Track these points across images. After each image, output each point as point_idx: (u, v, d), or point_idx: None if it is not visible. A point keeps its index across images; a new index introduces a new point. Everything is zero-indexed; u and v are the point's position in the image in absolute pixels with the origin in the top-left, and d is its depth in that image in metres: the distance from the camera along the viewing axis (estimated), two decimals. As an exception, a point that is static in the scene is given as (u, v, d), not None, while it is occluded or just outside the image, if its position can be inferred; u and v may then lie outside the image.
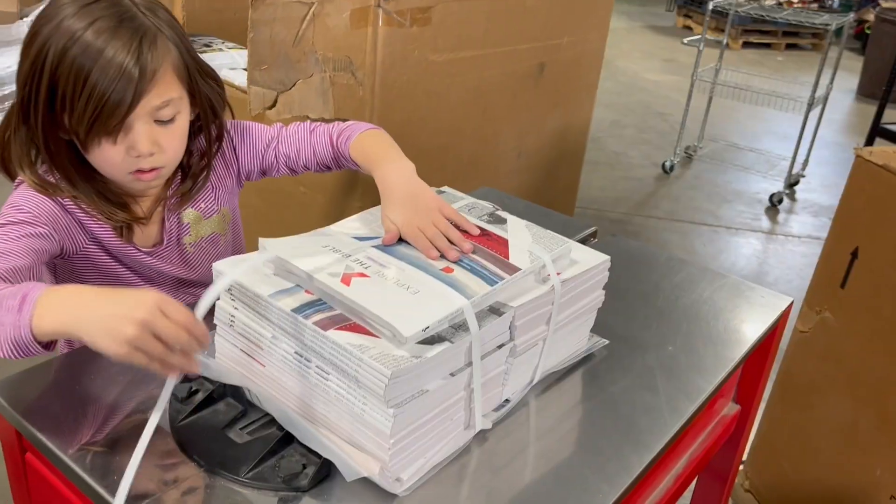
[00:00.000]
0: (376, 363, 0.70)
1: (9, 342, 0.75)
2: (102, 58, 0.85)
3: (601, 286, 0.98)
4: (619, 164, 4.01)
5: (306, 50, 1.79)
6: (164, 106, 0.91)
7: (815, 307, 1.55)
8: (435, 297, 0.79)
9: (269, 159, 1.16)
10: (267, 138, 1.16)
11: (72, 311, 0.74)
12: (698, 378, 0.99)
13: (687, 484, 1.12)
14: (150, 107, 0.90)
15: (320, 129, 1.16)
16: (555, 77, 2.34)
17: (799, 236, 3.37)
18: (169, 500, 0.73)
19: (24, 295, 0.75)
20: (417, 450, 0.77)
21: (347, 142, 1.13)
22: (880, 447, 1.42)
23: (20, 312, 0.74)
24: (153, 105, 0.90)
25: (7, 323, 0.75)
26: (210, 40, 2.40)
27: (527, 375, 0.92)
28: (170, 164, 0.98)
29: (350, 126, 1.16)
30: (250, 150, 1.15)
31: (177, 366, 0.73)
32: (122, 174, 0.95)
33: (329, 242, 0.88)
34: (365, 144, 1.12)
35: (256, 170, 1.16)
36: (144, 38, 0.88)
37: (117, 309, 0.72)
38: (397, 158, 1.06)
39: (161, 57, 0.90)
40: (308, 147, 1.15)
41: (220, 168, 1.12)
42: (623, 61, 6.03)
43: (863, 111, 5.21)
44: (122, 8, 0.89)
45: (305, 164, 1.16)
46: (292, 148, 1.15)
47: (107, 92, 0.85)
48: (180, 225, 1.07)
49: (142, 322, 0.70)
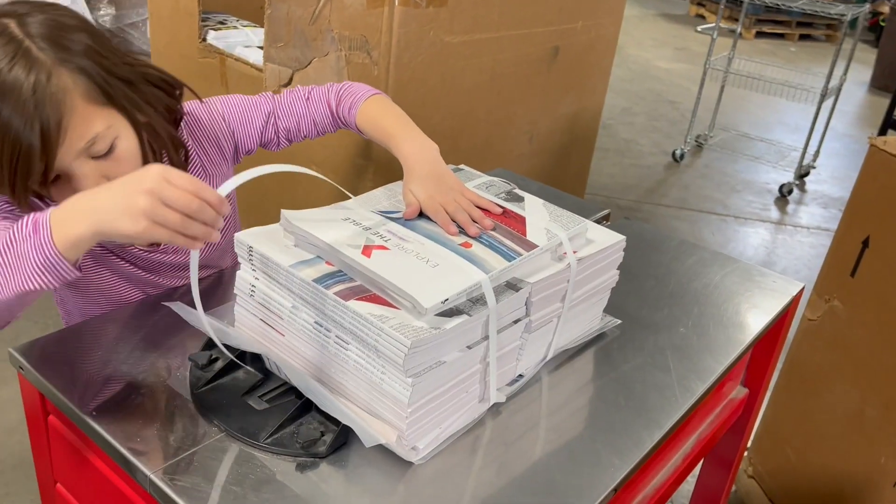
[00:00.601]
0: (396, 333, 0.71)
1: (36, 266, 0.72)
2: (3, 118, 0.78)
3: (616, 266, 0.99)
4: (630, 151, 4.00)
5: (322, 28, 1.80)
6: (91, 143, 0.84)
7: (825, 295, 1.55)
8: (454, 270, 0.80)
9: (269, 135, 1.13)
10: (265, 113, 1.11)
11: (86, 210, 0.71)
12: (709, 359, 1.00)
13: (693, 465, 1.13)
14: (75, 150, 0.83)
15: (315, 96, 1.12)
16: (569, 61, 2.34)
17: (808, 227, 3.37)
18: (189, 464, 0.74)
19: (35, 219, 0.72)
20: (433, 420, 0.78)
21: (351, 111, 1.10)
22: (886, 435, 1.43)
23: (37, 234, 0.71)
24: (78, 148, 0.83)
25: (28, 249, 0.72)
26: (224, 17, 2.40)
27: (541, 351, 0.93)
28: None
29: (347, 90, 1.12)
30: (247, 129, 1.11)
31: (198, 235, 0.72)
32: None
33: (349, 215, 0.89)
34: (375, 116, 1.09)
35: (255, 146, 1.13)
36: (39, 85, 0.79)
37: (125, 188, 0.70)
38: (418, 136, 1.05)
39: (64, 96, 0.81)
40: (307, 118, 1.12)
41: (215, 153, 1.09)
42: (635, 49, 6.00)
43: (875, 104, 5.18)
44: (14, 45, 0.80)
45: (306, 134, 1.14)
46: (292, 121, 1.12)
47: (14, 158, 0.79)
48: None
49: (149, 191, 0.68)
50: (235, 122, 1.10)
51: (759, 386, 1.26)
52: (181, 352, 0.90)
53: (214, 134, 1.09)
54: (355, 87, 1.14)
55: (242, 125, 1.11)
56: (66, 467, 0.91)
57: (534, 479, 0.78)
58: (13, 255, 0.72)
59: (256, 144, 1.14)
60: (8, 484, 1.71)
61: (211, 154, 1.09)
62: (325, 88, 1.14)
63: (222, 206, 0.73)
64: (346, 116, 1.12)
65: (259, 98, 1.13)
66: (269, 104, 1.12)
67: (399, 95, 1.79)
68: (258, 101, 1.12)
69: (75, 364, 0.87)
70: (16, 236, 0.73)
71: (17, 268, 0.72)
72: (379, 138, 1.09)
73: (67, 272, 0.73)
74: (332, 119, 1.13)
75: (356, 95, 1.12)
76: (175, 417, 0.80)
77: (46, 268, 0.72)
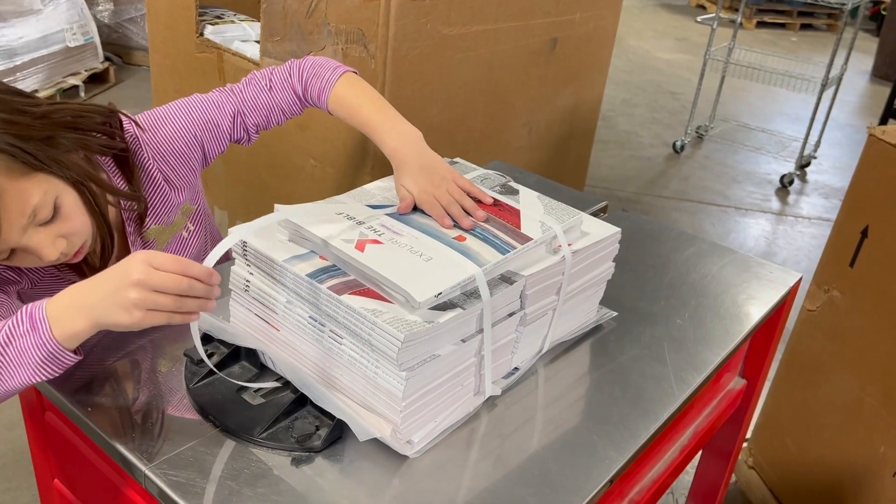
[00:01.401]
0: (390, 327, 0.71)
1: (39, 360, 0.73)
2: None
3: (611, 258, 0.99)
4: (630, 142, 4.00)
5: (319, 22, 1.79)
6: (34, 214, 0.82)
7: (824, 286, 1.55)
8: (448, 264, 0.80)
9: (239, 133, 1.08)
10: (230, 114, 1.06)
11: (81, 307, 0.72)
12: (706, 350, 1.00)
13: (691, 457, 1.13)
14: (19, 227, 0.81)
15: (278, 83, 1.07)
16: (567, 53, 2.33)
17: (809, 218, 3.36)
18: (184, 459, 0.75)
19: (30, 315, 0.73)
20: (428, 413, 0.78)
21: (321, 96, 1.06)
22: (885, 425, 1.43)
23: (36, 331, 0.72)
24: (21, 224, 0.81)
25: (28, 346, 0.72)
26: (222, 12, 2.40)
27: (536, 344, 0.93)
28: (90, 236, 0.90)
29: (312, 71, 1.06)
30: (215, 133, 1.06)
31: (193, 309, 0.73)
32: (51, 264, 0.89)
33: (343, 210, 0.89)
34: (351, 102, 1.04)
35: (224, 148, 1.09)
36: None
37: (113, 282, 0.71)
38: (400, 125, 1.02)
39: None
40: (276, 110, 1.08)
41: (179, 165, 1.05)
42: (635, 40, 5.98)
43: (877, 93, 5.16)
44: None
45: (277, 123, 1.10)
46: (260, 116, 1.08)
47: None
48: (145, 244, 1.03)
49: (137, 283, 0.70)
50: (200, 131, 1.05)
51: (757, 377, 1.25)
52: (176, 347, 0.90)
53: (178, 147, 1.04)
54: (319, 65, 1.07)
55: (209, 131, 1.05)
56: (64, 464, 0.91)
57: (530, 471, 0.78)
58: (14, 352, 0.73)
59: (226, 146, 1.09)
60: (10, 479, 1.72)
61: (175, 167, 1.04)
62: (286, 72, 1.08)
63: (210, 277, 0.74)
64: (317, 101, 1.07)
65: (219, 96, 1.07)
66: (232, 102, 1.07)
67: (397, 88, 1.79)
68: (220, 102, 1.06)
69: (71, 360, 0.87)
70: (13, 332, 0.73)
71: (19, 363, 0.73)
72: (357, 126, 1.05)
73: (69, 360, 0.75)
74: (300, 103, 1.09)
75: (323, 78, 1.06)
76: (171, 413, 0.81)
77: (49, 360, 0.74)
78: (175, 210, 1.06)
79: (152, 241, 1.04)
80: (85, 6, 3.65)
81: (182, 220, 1.08)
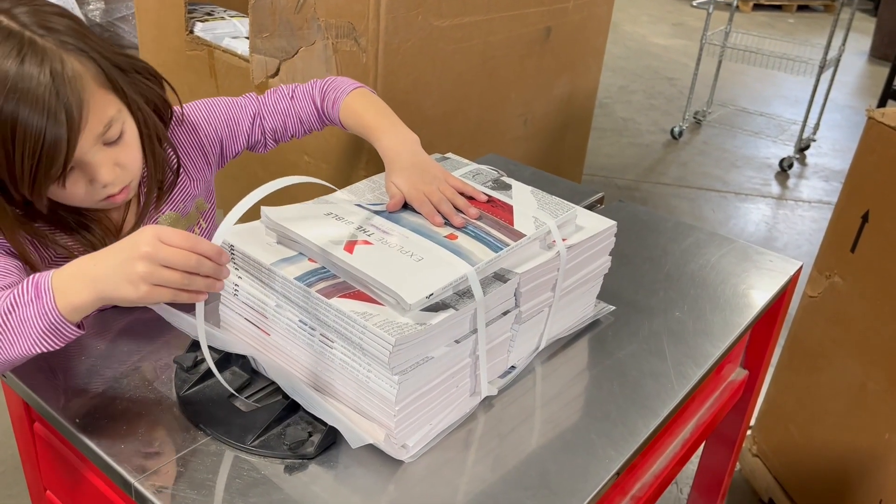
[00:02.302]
0: (380, 330, 0.70)
1: (41, 331, 0.72)
2: (20, 124, 0.77)
3: (607, 252, 0.97)
4: (627, 130, 3.97)
5: (308, 17, 1.77)
6: (107, 128, 0.85)
7: (825, 272, 1.53)
8: (439, 263, 0.78)
9: (256, 136, 1.11)
10: (250, 115, 1.10)
11: (87, 278, 0.71)
12: (706, 343, 0.98)
13: (694, 449, 1.12)
14: (93, 136, 0.83)
15: (300, 93, 1.11)
16: (561, 41, 2.30)
17: (809, 201, 3.34)
18: (174, 470, 0.73)
19: (36, 284, 0.72)
20: (423, 416, 0.77)
21: (335, 105, 1.09)
22: (889, 409, 1.41)
23: (40, 300, 0.71)
24: (96, 133, 0.83)
25: (31, 315, 0.72)
26: (212, 8, 2.37)
27: (532, 342, 0.91)
28: (136, 178, 0.93)
29: (331, 84, 1.11)
30: (234, 132, 1.09)
31: (201, 289, 0.71)
32: (92, 202, 0.90)
33: (332, 210, 0.87)
34: (357, 109, 1.08)
35: (242, 148, 1.12)
36: (55, 74, 0.78)
37: (121, 255, 0.70)
38: (399, 128, 1.04)
39: (80, 81, 0.80)
40: (293, 116, 1.11)
41: (198, 158, 1.07)
42: (631, 25, 5.94)
43: (875, 73, 5.13)
44: (15, 39, 0.78)
45: (293, 133, 1.13)
46: (278, 120, 1.11)
47: (39, 147, 0.78)
48: None
49: (145, 255, 0.68)
50: (221, 126, 1.09)
51: (759, 367, 1.24)
52: (166, 354, 0.88)
53: (199, 139, 1.07)
54: (339, 81, 1.12)
55: (229, 128, 1.09)
56: (55, 474, 0.90)
57: (528, 472, 0.77)
58: (16, 320, 0.72)
59: (243, 147, 1.12)
60: (11, 486, 1.71)
61: (194, 159, 1.07)
62: (310, 85, 1.13)
63: (220, 256, 0.72)
64: (331, 112, 1.10)
65: (243, 100, 1.12)
66: (254, 105, 1.11)
67: (389, 82, 1.77)
68: (243, 103, 1.11)
69: (58, 370, 0.86)
70: (17, 301, 0.72)
71: (20, 332, 0.72)
72: (360, 132, 1.07)
73: (72, 334, 0.74)
74: (318, 115, 1.12)
75: (339, 90, 1.10)
76: (160, 422, 0.79)
77: (51, 331, 0.72)
78: (190, 201, 1.07)
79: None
80: (76, 5, 3.62)
81: (196, 214, 1.09)
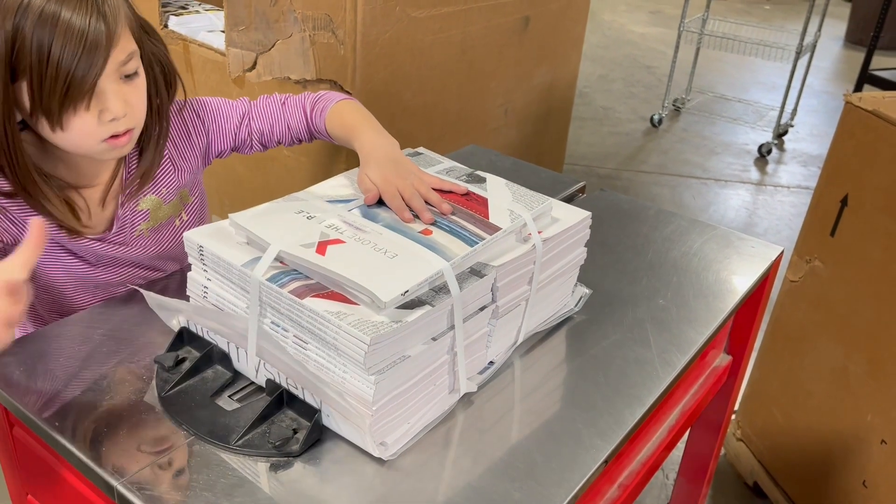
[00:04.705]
0: (355, 330, 0.69)
1: None
2: (62, 23, 0.80)
3: (583, 243, 0.96)
4: (607, 118, 3.98)
5: (284, 9, 1.75)
6: (128, 60, 0.88)
7: (805, 256, 1.54)
8: (414, 260, 0.77)
9: (242, 136, 1.12)
10: (239, 114, 1.12)
11: None
12: (690, 330, 0.99)
13: (680, 435, 1.12)
14: (116, 63, 0.86)
15: (291, 102, 1.13)
16: (540, 31, 2.30)
17: (788, 186, 3.37)
18: (158, 471, 0.72)
19: None
20: (402, 415, 0.76)
21: (322, 114, 1.10)
22: (871, 392, 1.43)
23: None
24: (119, 60, 0.87)
25: None
26: (186, 2, 2.34)
27: (511, 336, 0.90)
28: (139, 125, 0.94)
29: (323, 97, 1.13)
30: (222, 128, 1.11)
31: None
32: (96, 143, 0.90)
33: (303, 208, 0.85)
34: (343, 116, 1.09)
35: (228, 147, 1.13)
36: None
37: None
38: (381, 131, 1.04)
39: (117, 8, 0.86)
40: (282, 121, 1.12)
41: (185, 148, 1.08)
42: (609, 14, 5.95)
43: (851, 58, 5.17)
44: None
45: (279, 138, 1.14)
46: (265, 123, 1.12)
47: (75, 57, 0.81)
48: (135, 212, 1.03)
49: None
50: (210, 120, 1.10)
51: (742, 352, 1.25)
52: (146, 354, 0.87)
53: (186, 129, 1.08)
54: (331, 94, 1.14)
55: (217, 123, 1.11)
56: (36, 479, 0.88)
57: (514, 464, 0.76)
58: None
59: (230, 145, 1.13)
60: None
61: (181, 148, 1.08)
62: (303, 96, 1.15)
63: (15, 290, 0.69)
64: (318, 121, 1.11)
65: (236, 101, 1.14)
66: (245, 106, 1.13)
67: (367, 74, 1.75)
68: (234, 103, 1.13)
69: (36, 373, 0.84)
70: None
71: None
72: (343, 136, 1.08)
73: None
74: (307, 125, 1.13)
75: (329, 100, 1.12)
76: (142, 423, 0.78)
77: None
78: (174, 191, 1.07)
79: (144, 211, 1.04)
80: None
81: (178, 205, 1.09)
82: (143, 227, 1.04)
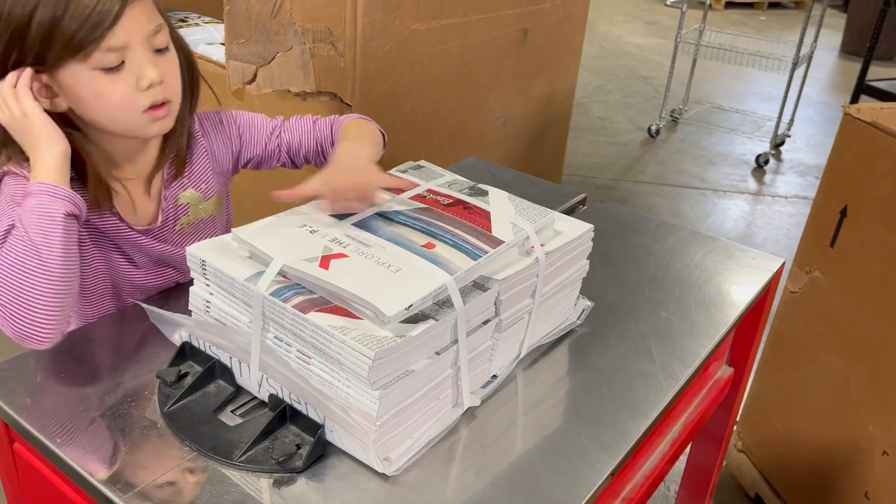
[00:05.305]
0: (359, 345, 0.68)
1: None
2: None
3: (585, 256, 0.96)
4: (605, 129, 3.99)
5: (284, 22, 1.75)
6: (157, 31, 0.90)
7: (805, 267, 1.55)
8: (417, 274, 0.77)
9: (272, 147, 1.15)
10: (271, 126, 1.15)
11: None
12: (692, 343, 0.99)
13: (683, 448, 1.12)
14: (144, 32, 0.88)
15: (322, 122, 1.16)
16: (538, 43, 2.31)
17: (786, 196, 3.37)
18: (160, 488, 0.72)
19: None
20: (405, 430, 0.76)
21: (336, 129, 1.13)
22: (872, 403, 1.43)
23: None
24: (148, 31, 0.89)
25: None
26: (186, 14, 2.34)
27: (514, 350, 0.90)
28: (176, 99, 0.96)
29: (347, 116, 1.16)
30: (255, 134, 1.14)
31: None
32: (137, 114, 0.91)
33: (306, 222, 0.85)
34: (347, 129, 1.11)
35: (257, 156, 1.15)
36: None
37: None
38: (364, 141, 1.06)
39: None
40: (311, 138, 1.15)
41: (222, 148, 1.11)
42: (605, 25, 5.98)
43: (847, 69, 5.20)
44: None
45: (306, 154, 1.15)
46: (295, 137, 1.15)
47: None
48: (177, 206, 1.05)
49: None
50: (244, 126, 1.13)
51: (744, 364, 1.25)
52: (149, 369, 0.87)
53: (225, 130, 1.11)
54: (352, 115, 1.17)
55: (250, 130, 1.14)
56: (37, 496, 0.87)
57: (519, 479, 0.76)
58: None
59: (260, 152, 1.15)
60: None
61: (217, 146, 1.10)
62: (332, 117, 1.18)
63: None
64: (335, 135, 1.14)
65: (269, 117, 1.18)
66: (277, 121, 1.17)
67: (367, 86, 1.76)
68: (266, 118, 1.17)
69: (38, 388, 0.84)
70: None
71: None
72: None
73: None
74: (331, 140, 1.16)
75: (348, 118, 1.15)
76: (145, 439, 0.77)
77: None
78: (213, 188, 1.09)
79: (185, 205, 1.05)
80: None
81: (218, 204, 1.11)
82: (184, 222, 1.06)
